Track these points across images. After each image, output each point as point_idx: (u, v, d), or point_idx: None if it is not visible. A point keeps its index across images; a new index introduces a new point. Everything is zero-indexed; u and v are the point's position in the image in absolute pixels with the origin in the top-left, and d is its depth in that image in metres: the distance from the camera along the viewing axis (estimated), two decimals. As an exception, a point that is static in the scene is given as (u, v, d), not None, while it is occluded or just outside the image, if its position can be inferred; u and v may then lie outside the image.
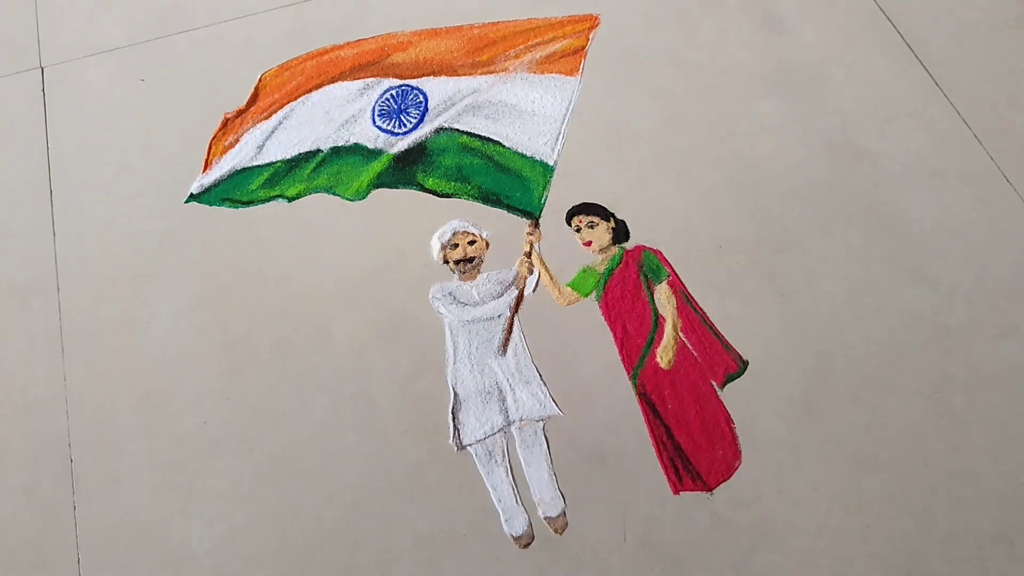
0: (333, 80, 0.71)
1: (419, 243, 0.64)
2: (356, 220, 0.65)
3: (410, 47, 0.73)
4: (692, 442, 0.56)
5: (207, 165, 0.68)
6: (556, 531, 0.53)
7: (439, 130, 0.68)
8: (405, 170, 0.67)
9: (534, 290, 0.62)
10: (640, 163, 0.67)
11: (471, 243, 0.64)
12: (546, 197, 0.65)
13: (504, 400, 0.58)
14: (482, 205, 0.65)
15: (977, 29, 0.73)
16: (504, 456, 0.56)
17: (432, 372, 0.59)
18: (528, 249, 0.63)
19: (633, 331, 0.60)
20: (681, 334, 0.60)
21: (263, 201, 0.66)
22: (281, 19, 0.75)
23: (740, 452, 0.55)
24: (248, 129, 0.69)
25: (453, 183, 0.66)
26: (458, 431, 0.57)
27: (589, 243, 0.63)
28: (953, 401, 0.56)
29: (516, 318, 0.61)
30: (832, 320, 0.59)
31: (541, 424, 0.57)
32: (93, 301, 0.62)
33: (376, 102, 0.70)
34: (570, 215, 0.64)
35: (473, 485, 0.55)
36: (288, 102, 0.70)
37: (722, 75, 0.71)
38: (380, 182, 0.66)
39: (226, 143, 0.69)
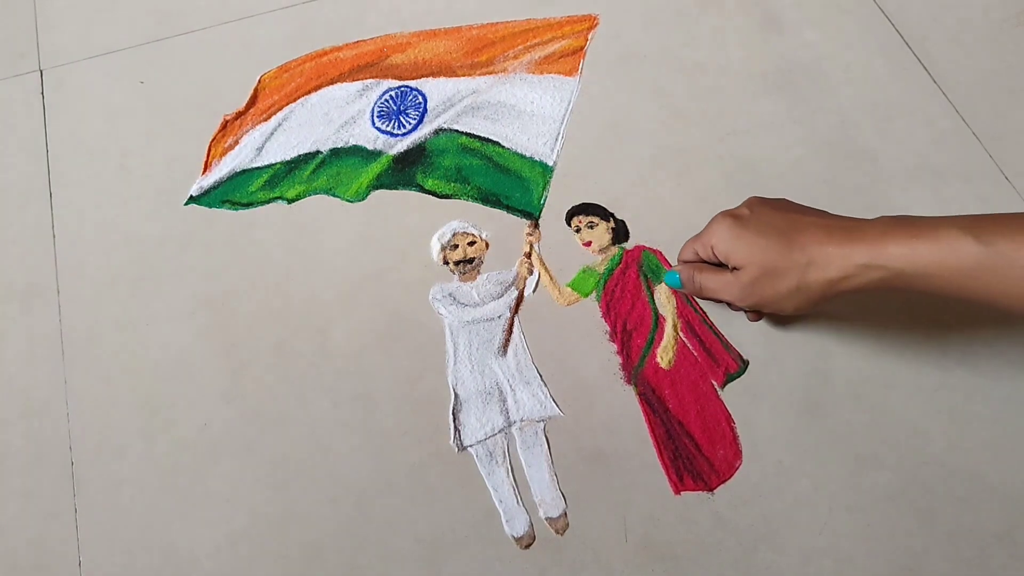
0: (332, 81, 0.71)
1: (419, 244, 0.64)
2: (356, 221, 0.65)
3: (409, 48, 0.73)
4: (693, 442, 0.56)
5: (206, 167, 0.68)
6: (557, 531, 0.53)
7: (438, 131, 0.68)
8: (405, 171, 0.67)
9: (534, 291, 0.62)
10: (640, 163, 0.67)
11: (471, 244, 0.64)
12: (546, 198, 0.65)
13: (505, 401, 0.58)
14: (482, 206, 0.65)
15: (976, 27, 0.73)
16: (505, 457, 0.56)
17: (432, 373, 0.59)
18: (528, 250, 0.63)
19: (633, 331, 0.60)
20: (681, 334, 0.59)
21: (263, 203, 0.66)
22: (280, 21, 0.75)
23: (741, 452, 0.55)
24: (247, 131, 0.69)
25: (453, 184, 0.66)
26: (459, 432, 0.57)
27: (589, 243, 0.63)
28: (954, 399, 0.56)
29: (516, 319, 0.61)
30: (832, 319, 0.59)
31: (542, 425, 0.57)
32: (93, 304, 0.62)
33: (375, 103, 0.69)
34: (569, 215, 0.64)
35: (474, 486, 0.55)
36: (287, 104, 0.70)
37: (721, 74, 0.71)
38: (380, 183, 0.66)
39: (225, 145, 0.69)
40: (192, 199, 0.66)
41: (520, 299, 0.61)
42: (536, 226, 0.64)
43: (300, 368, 0.59)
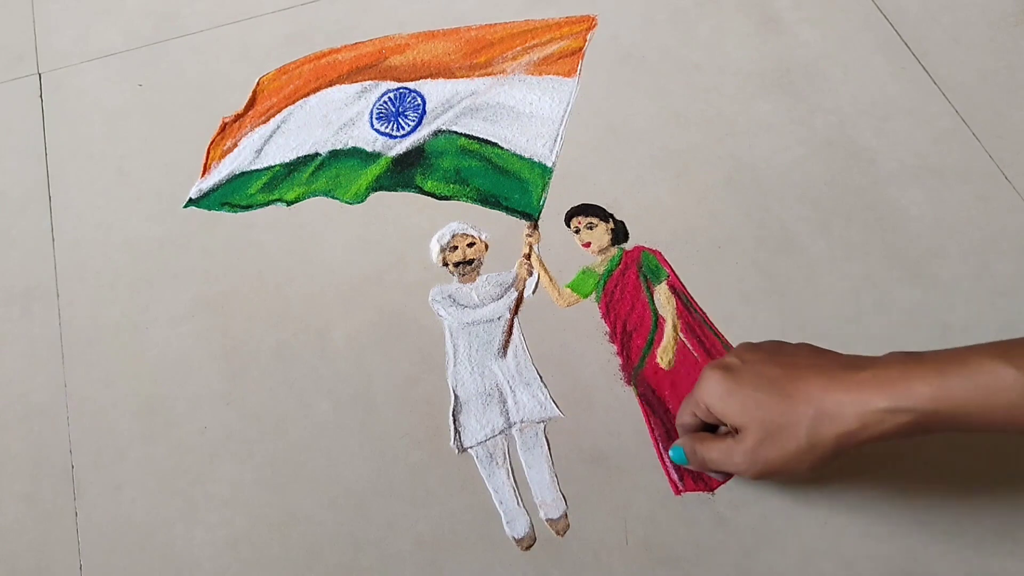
0: (331, 83, 0.71)
1: (418, 246, 0.64)
2: (355, 223, 0.65)
3: (407, 50, 0.73)
4: (693, 443, 0.55)
5: (205, 170, 0.68)
6: (558, 533, 0.53)
7: (437, 132, 0.68)
8: (404, 173, 0.67)
9: (534, 292, 0.62)
10: (638, 163, 0.67)
11: (470, 245, 0.64)
12: (545, 199, 0.65)
13: (505, 402, 0.58)
14: (481, 207, 0.65)
15: (975, 26, 0.73)
16: (505, 458, 0.56)
17: (432, 375, 0.59)
18: (527, 251, 0.63)
19: (633, 332, 0.60)
20: (681, 334, 0.60)
21: (262, 205, 0.66)
22: (278, 23, 0.75)
23: (741, 452, 0.55)
24: (246, 133, 0.69)
25: (452, 185, 0.66)
26: (459, 433, 0.57)
27: (588, 244, 0.63)
28: (954, 399, 0.56)
29: (516, 320, 0.61)
30: (832, 319, 0.59)
31: (542, 426, 0.57)
32: (93, 307, 0.62)
33: (374, 105, 0.69)
34: (569, 216, 0.64)
35: (474, 488, 0.55)
36: (286, 106, 0.70)
37: (720, 74, 0.71)
38: (379, 185, 0.66)
39: (224, 147, 0.69)
40: (191, 201, 0.66)
41: (520, 300, 0.61)
42: (535, 227, 0.64)
43: (300, 370, 0.59)
